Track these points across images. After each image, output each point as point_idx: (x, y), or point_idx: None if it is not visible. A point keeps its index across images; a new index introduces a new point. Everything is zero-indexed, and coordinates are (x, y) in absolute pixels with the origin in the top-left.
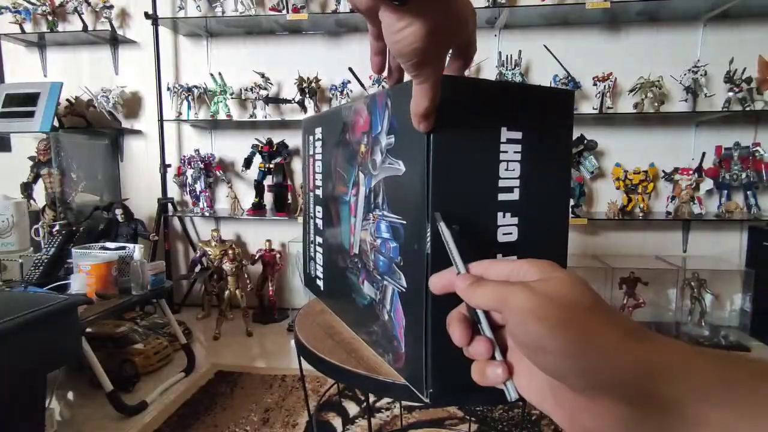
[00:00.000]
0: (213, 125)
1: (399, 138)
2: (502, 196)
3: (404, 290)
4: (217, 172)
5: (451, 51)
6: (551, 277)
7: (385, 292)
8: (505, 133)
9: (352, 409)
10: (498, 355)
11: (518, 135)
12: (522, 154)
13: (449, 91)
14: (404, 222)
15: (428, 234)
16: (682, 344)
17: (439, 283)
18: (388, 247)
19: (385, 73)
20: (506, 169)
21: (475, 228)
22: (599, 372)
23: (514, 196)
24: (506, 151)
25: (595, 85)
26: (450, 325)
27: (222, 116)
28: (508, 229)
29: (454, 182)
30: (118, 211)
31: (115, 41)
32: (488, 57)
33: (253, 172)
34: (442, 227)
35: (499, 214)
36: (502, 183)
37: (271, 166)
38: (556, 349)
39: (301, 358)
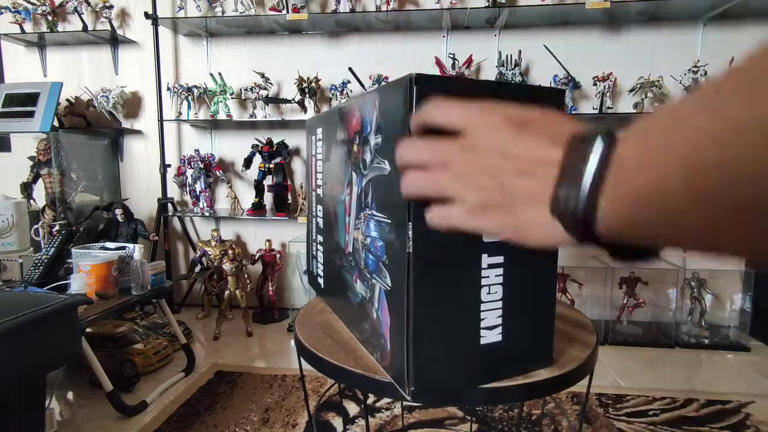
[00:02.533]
0: (213, 125)
1: (385, 138)
2: None
3: (389, 288)
4: (217, 172)
5: None
6: None
7: (374, 290)
8: None
9: (352, 409)
10: None
11: None
12: None
13: (436, 90)
14: (389, 221)
15: (410, 233)
16: None
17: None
18: (376, 246)
19: (385, 74)
20: None
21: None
22: None
23: None
24: None
25: (595, 85)
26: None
27: (222, 116)
28: None
29: None
30: (118, 211)
31: (115, 41)
32: (488, 57)
33: (253, 172)
34: None
35: None
36: None
37: (271, 166)
38: None
39: (301, 358)
